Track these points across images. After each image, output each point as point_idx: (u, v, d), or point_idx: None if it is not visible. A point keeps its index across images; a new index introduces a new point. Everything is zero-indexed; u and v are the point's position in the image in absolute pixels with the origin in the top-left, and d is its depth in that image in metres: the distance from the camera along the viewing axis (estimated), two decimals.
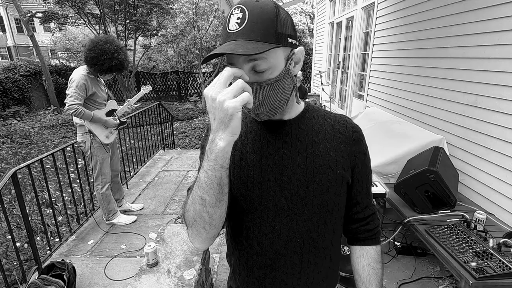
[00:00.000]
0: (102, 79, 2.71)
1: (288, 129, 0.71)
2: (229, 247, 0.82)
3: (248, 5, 0.58)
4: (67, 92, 2.42)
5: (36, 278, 2.00)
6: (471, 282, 1.46)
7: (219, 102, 0.52)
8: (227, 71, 0.55)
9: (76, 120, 2.58)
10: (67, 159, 2.75)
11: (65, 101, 2.43)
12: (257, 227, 0.71)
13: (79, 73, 2.45)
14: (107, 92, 2.76)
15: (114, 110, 2.73)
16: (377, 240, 0.83)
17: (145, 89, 3.11)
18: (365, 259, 0.81)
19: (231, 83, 0.55)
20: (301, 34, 16.84)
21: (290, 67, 0.64)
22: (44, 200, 3.70)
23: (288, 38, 0.62)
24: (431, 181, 1.97)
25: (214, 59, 12.62)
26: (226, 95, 0.52)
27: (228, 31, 0.60)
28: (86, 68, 2.51)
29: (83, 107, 2.43)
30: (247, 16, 0.57)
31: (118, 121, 2.72)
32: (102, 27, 9.44)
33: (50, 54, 19.79)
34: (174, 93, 12.86)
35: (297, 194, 0.69)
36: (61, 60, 14.80)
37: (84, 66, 2.53)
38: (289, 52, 0.64)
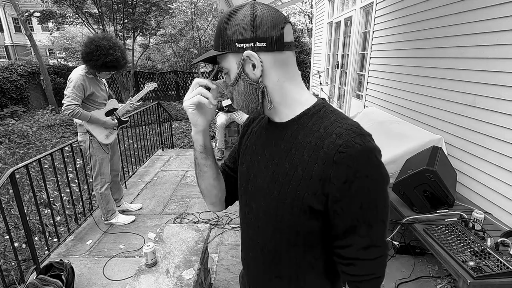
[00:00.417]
0: (102, 79, 2.70)
1: (276, 132, 0.70)
2: None
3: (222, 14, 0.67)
4: (65, 92, 2.41)
5: (34, 278, 1.99)
6: (469, 281, 1.46)
7: (184, 104, 0.71)
8: (194, 82, 0.70)
9: (75, 119, 2.57)
10: (66, 159, 2.74)
11: (62, 102, 2.42)
12: (242, 215, 0.82)
13: (77, 73, 2.44)
14: (108, 92, 2.74)
15: (115, 109, 2.72)
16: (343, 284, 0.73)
17: (150, 86, 3.02)
18: None
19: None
20: (300, 34, 16.83)
21: (246, 70, 0.64)
22: (42, 200, 3.69)
23: (237, 44, 0.62)
24: (429, 181, 1.97)
25: None
26: (186, 97, 0.70)
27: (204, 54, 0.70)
28: (84, 68, 2.49)
29: (81, 108, 2.41)
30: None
31: (116, 122, 2.71)
32: (101, 27, 9.42)
33: (48, 53, 19.72)
34: (172, 92, 12.84)
35: (259, 197, 0.72)
36: (59, 60, 14.76)
37: (82, 66, 2.52)
38: (240, 57, 0.64)
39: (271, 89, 0.66)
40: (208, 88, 0.70)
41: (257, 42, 0.62)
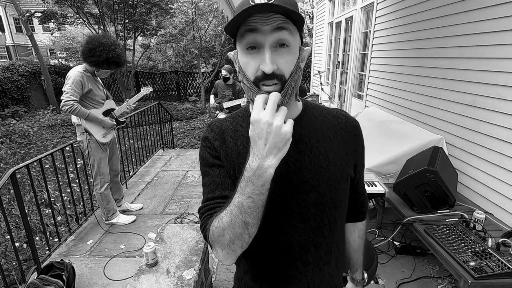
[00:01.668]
0: (100, 79, 2.71)
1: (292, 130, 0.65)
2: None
3: None
4: (63, 89, 2.43)
5: (35, 278, 1.99)
6: (470, 281, 1.46)
7: (277, 127, 0.52)
8: (275, 96, 0.55)
9: (73, 119, 2.58)
10: (66, 159, 2.74)
11: (61, 98, 2.43)
12: (270, 229, 0.69)
13: (76, 71, 2.45)
14: (105, 92, 2.75)
15: (112, 109, 2.73)
16: (365, 216, 0.92)
17: (145, 90, 3.11)
18: (356, 232, 0.91)
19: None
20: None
21: (300, 60, 0.64)
22: (43, 200, 3.70)
23: (301, 32, 0.64)
24: (430, 181, 1.97)
25: (213, 59, 12.56)
26: (281, 120, 0.53)
27: (251, 2, 0.56)
28: (83, 66, 2.51)
29: (79, 104, 2.43)
30: None
31: (114, 122, 2.71)
32: (101, 27, 9.42)
33: (49, 53, 19.74)
34: (173, 93, 12.85)
35: (307, 196, 0.69)
36: (60, 60, 14.76)
37: (81, 65, 2.54)
38: (300, 45, 0.64)
39: None
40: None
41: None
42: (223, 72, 4.45)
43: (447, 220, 1.97)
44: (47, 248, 2.45)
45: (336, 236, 0.76)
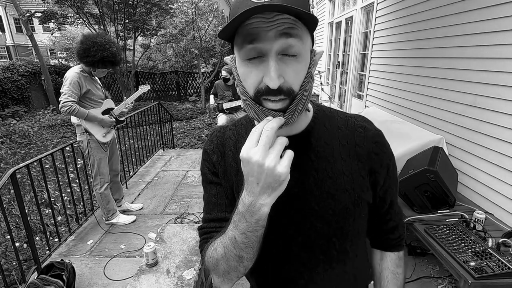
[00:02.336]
0: (98, 79, 2.71)
1: (297, 146, 0.57)
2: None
3: None
4: (61, 90, 2.43)
5: (35, 278, 1.99)
6: (470, 281, 1.46)
7: (269, 168, 0.45)
8: (270, 130, 0.47)
9: (73, 120, 2.58)
10: (67, 159, 2.74)
11: (59, 99, 2.43)
12: (268, 259, 0.65)
13: (73, 72, 2.45)
14: (103, 92, 2.75)
15: (111, 109, 2.73)
16: (399, 247, 0.75)
17: (143, 89, 3.11)
18: (384, 262, 0.74)
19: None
20: None
21: (311, 67, 0.55)
22: (43, 200, 3.70)
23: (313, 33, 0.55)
24: (430, 181, 1.97)
25: (213, 59, 12.55)
26: (275, 160, 0.46)
27: (252, 1, 0.46)
28: (80, 67, 2.52)
29: (78, 105, 2.43)
30: None
31: (114, 120, 2.71)
32: (102, 27, 9.43)
33: (49, 53, 19.75)
34: (173, 93, 12.85)
35: (310, 225, 0.61)
36: (60, 60, 14.77)
37: (78, 65, 2.54)
38: (311, 48, 0.55)
39: None
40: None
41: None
42: (223, 73, 4.45)
43: (447, 220, 1.97)
44: (47, 248, 2.45)
45: (350, 267, 0.67)
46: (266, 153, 0.46)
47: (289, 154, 0.48)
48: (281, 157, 0.47)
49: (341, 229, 0.62)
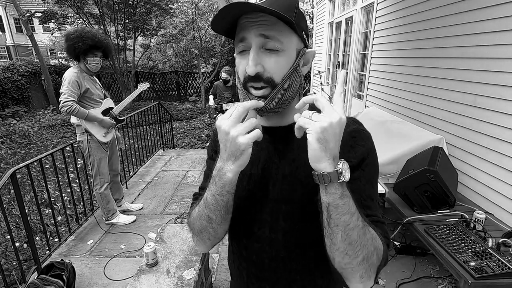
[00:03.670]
0: (97, 78, 2.72)
1: (284, 136, 0.67)
2: (228, 249, 0.83)
3: None
4: (60, 90, 2.43)
5: (35, 278, 2.00)
6: (470, 281, 1.46)
7: (232, 137, 0.53)
8: (242, 107, 0.56)
9: (73, 120, 2.57)
10: (67, 159, 2.74)
11: (59, 99, 2.43)
12: (244, 236, 0.72)
13: (71, 71, 2.46)
14: (103, 91, 2.75)
15: (111, 108, 2.73)
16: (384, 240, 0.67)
17: (142, 86, 3.11)
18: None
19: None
20: None
21: (299, 64, 0.62)
22: (43, 200, 3.70)
23: (303, 32, 0.60)
24: (430, 181, 1.97)
25: (213, 59, 12.55)
26: (239, 131, 0.53)
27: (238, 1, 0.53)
28: (77, 66, 2.52)
29: (78, 105, 2.43)
30: None
31: (114, 121, 2.71)
32: (102, 27, 9.43)
33: (49, 53, 19.74)
34: (173, 93, 12.85)
35: (279, 206, 0.66)
36: (60, 60, 14.78)
37: (76, 65, 2.53)
38: (301, 48, 0.61)
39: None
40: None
41: (307, 40, 0.63)
42: (223, 75, 4.45)
43: (447, 220, 1.97)
44: (47, 248, 2.45)
45: (314, 252, 0.68)
46: (233, 125, 0.54)
47: (255, 132, 0.54)
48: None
49: (304, 212, 0.65)
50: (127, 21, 9.61)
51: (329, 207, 0.52)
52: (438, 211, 2.07)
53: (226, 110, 4.34)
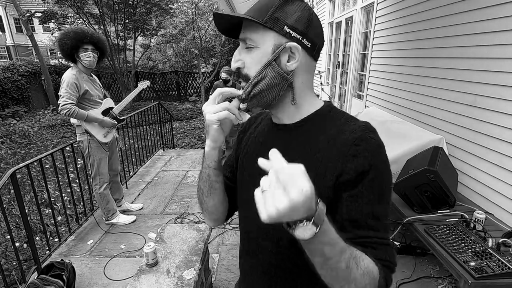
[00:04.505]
0: (96, 78, 2.71)
1: (284, 134, 0.68)
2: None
3: None
4: (59, 93, 2.42)
5: (35, 278, 2.00)
6: (470, 281, 1.46)
7: (204, 113, 0.64)
8: (218, 92, 0.64)
9: (73, 120, 2.57)
10: (67, 159, 2.74)
11: (58, 102, 2.42)
12: (242, 227, 0.77)
13: (69, 73, 2.44)
14: (103, 92, 2.75)
15: (111, 108, 2.72)
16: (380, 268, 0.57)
17: (142, 85, 3.09)
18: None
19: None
20: None
21: (280, 58, 0.61)
22: (43, 200, 3.70)
23: (286, 28, 0.60)
24: (430, 181, 1.97)
25: (213, 59, 12.55)
26: (208, 110, 0.63)
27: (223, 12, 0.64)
28: (75, 66, 2.50)
29: (77, 107, 2.42)
30: None
31: (114, 121, 2.71)
32: (102, 27, 9.43)
33: (49, 53, 19.74)
34: (173, 93, 12.85)
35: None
36: (60, 60, 14.77)
37: (74, 66, 2.51)
38: (282, 43, 0.61)
39: (296, 87, 0.65)
40: (229, 100, 0.65)
41: (305, 39, 0.62)
42: (223, 75, 4.45)
43: (447, 220, 1.97)
44: (47, 248, 2.45)
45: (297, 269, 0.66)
46: (207, 105, 0.64)
47: (221, 112, 0.62)
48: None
49: None
50: (127, 21, 9.61)
51: (299, 241, 0.46)
52: (438, 211, 2.07)
53: None
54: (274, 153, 0.45)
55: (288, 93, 0.65)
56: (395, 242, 2.42)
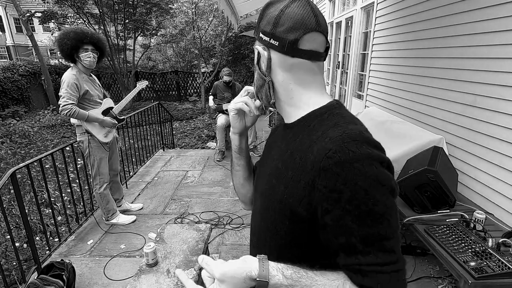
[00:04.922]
0: (96, 78, 2.71)
1: (282, 133, 0.72)
2: None
3: None
4: (59, 93, 2.42)
5: (35, 278, 2.00)
6: (470, 281, 1.46)
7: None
8: (245, 88, 0.77)
9: (73, 120, 2.57)
10: (67, 159, 2.74)
11: (58, 103, 2.42)
12: (250, 222, 0.85)
13: (69, 73, 2.44)
14: (103, 91, 2.75)
15: (111, 108, 2.72)
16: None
17: (141, 84, 3.08)
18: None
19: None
20: None
21: (260, 61, 0.68)
22: (43, 200, 3.70)
23: (261, 34, 0.65)
24: (430, 181, 1.97)
25: (213, 59, 12.56)
26: (234, 100, 0.75)
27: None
28: (75, 68, 2.50)
29: (77, 107, 2.42)
30: None
31: (115, 121, 2.71)
32: (102, 27, 9.44)
33: (49, 53, 19.74)
34: (173, 93, 12.84)
35: (261, 202, 0.72)
36: (60, 60, 14.77)
37: (74, 67, 2.51)
38: (260, 50, 0.68)
39: (276, 86, 0.67)
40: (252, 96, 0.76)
41: (272, 39, 0.63)
42: (226, 79, 4.46)
43: (447, 220, 1.97)
44: (47, 248, 2.45)
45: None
46: (238, 96, 0.76)
47: (238, 104, 0.74)
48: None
49: (270, 220, 0.67)
50: (127, 21, 9.62)
51: None
52: (438, 211, 2.07)
53: (226, 110, 4.36)
54: (200, 259, 0.58)
55: (269, 93, 0.69)
56: None
